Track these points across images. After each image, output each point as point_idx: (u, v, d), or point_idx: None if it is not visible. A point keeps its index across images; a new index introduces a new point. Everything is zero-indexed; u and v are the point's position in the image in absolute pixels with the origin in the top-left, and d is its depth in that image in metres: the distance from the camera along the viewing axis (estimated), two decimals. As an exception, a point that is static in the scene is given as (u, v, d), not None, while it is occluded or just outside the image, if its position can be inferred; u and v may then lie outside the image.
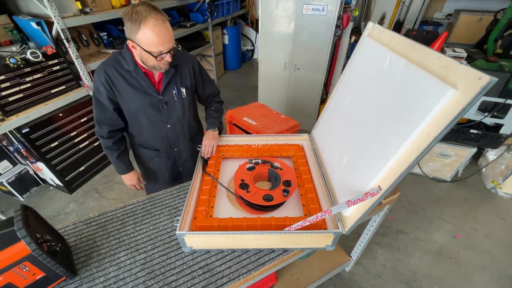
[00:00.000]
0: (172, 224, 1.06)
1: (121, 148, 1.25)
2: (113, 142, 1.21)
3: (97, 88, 1.09)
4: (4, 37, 1.99)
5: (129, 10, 0.91)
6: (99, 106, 1.13)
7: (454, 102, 0.60)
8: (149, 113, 1.17)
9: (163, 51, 0.95)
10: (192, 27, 3.46)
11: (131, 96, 1.10)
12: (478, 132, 2.10)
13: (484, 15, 3.28)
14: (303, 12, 2.42)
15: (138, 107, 1.14)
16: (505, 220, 2.09)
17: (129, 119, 1.20)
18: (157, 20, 0.89)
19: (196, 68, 1.22)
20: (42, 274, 0.79)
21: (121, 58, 1.06)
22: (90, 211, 2.20)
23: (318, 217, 0.85)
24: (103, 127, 1.17)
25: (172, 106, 1.19)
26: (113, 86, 1.08)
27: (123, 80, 1.08)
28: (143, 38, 0.92)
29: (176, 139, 1.30)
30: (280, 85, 2.98)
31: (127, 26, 0.93)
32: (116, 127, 1.20)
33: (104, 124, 1.17)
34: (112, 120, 1.17)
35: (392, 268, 1.76)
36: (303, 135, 1.42)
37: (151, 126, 1.21)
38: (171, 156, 1.35)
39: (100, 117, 1.15)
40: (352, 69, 1.14)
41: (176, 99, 1.19)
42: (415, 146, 0.69)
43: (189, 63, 1.20)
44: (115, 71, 1.06)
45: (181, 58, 1.17)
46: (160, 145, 1.29)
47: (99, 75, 1.06)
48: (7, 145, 2.12)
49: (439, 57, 0.67)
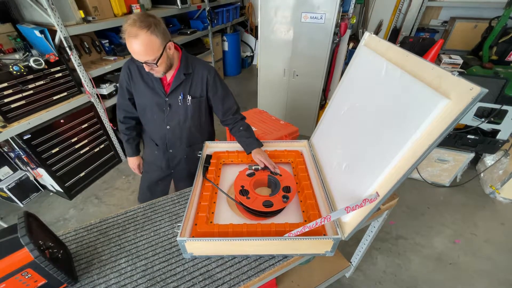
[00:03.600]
0: (172, 230, 1.07)
1: (132, 134, 1.42)
2: (126, 128, 1.39)
3: (121, 78, 1.26)
4: (7, 45, 2.03)
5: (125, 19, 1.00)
6: (121, 93, 1.30)
7: (447, 111, 0.62)
8: (154, 111, 1.27)
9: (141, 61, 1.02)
10: (192, 34, 3.51)
11: (143, 91, 1.23)
12: (475, 138, 2.13)
13: (479, 23, 3.34)
14: (301, 20, 2.47)
15: (147, 103, 1.26)
16: (505, 225, 2.10)
17: (138, 111, 1.34)
18: (130, 33, 0.94)
19: (210, 79, 1.23)
20: (43, 281, 0.79)
21: None
22: (90, 217, 2.20)
23: (317, 223, 0.86)
24: (121, 111, 1.36)
25: (175, 109, 1.25)
26: (132, 80, 1.23)
27: (140, 77, 1.22)
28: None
29: (173, 141, 1.35)
30: (279, 91, 3.01)
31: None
32: (130, 114, 1.37)
33: (122, 109, 1.35)
34: (127, 107, 1.34)
35: (392, 274, 1.76)
36: (302, 142, 1.44)
37: (153, 123, 1.32)
38: (166, 156, 1.41)
39: (119, 102, 1.34)
40: (350, 77, 1.17)
41: (180, 104, 1.24)
42: (412, 153, 0.71)
43: (204, 74, 1.22)
44: (136, 68, 1.21)
45: (197, 67, 1.22)
46: (158, 142, 1.38)
47: (124, 69, 1.24)
48: (8, 151, 2.13)
49: (433, 68, 0.69)
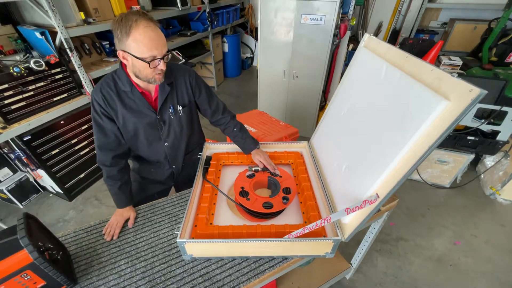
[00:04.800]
0: (172, 231, 1.07)
1: (125, 178, 1.16)
2: (117, 171, 1.13)
3: (96, 110, 1.04)
4: (8, 46, 2.03)
5: (118, 18, 0.86)
6: (100, 131, 1.07)
7: (447, 112, 0.63)
8: (147, 133, 1.14)
9: (156, 56, 0.90)
10: (192, 36, 3.52)
11: (128, 117, 1.07)
12: (475, 139, 2.13)
13: (478, 24, 3.35)
14: (301, 21, 2.47)
15: (136, 128, 1.11)
16: (505, 226, 2.10)
17: (128, 139, 1.15)
18: (148, 23, 0.85)
19: (193, 81, 1.16)
20: (43, 283, 0.79)
21: (117, 79, 1.03)
22: (89, 218, 2.19)
23: (317, 225, 0.86)
24: (106, 153, 1.10)
25: (170, 124, 1.16)
26: (110, 107, 1.04)
27: (120, 102, 1.04)
28: (134, 44, 0.86)
29: (174, 156, 1.27)
30: (279, 92, 3.02)
31: (117, 34, 0.87)
32: (120, 151, 1.13)
33: (107, 150, 1.10)
34: (115, 144, 1.11)
35: (393, 276, 1.76)
36: (302, 143, 1.44)
37: (149, 146, 1.19)
38: (169, 171, 1.32)
39: (102, 142, 1.09)
40: (350, 79, 1.17)
41: (173, 117, 1.15)
42: (412, 155, 0.71)
43: (186, 78, 1.14)
44: (111, 92, 1.03)
45: (177, 74, 1.12)
46: (158, 161, 1.27)
47: (96, 96, 1.02)
48: (8, 152, 2.13)
49: (432, 69, 0.70)
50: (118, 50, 0.92)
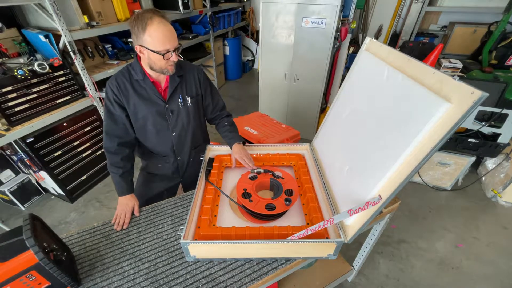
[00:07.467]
0: (175, 233, 1.07)
1: (127, 167, 1.22)
2: (120, 158, 1.19)
3: (109, 97, 1.14)
4: (12, 49, 2.05)
5: (134, 16, 0.98)
6: (110, 117, 1.17)
7: (448, 115, 0.63)
8: (155, 121, 1.21)
9: (169, 49, 1.01)
10: (194, 39, 3.55)
11: (138, 104, 1.16)
12: (476, 141, 2.13)
13: (478, 27, 3.37)
14: (302, 25, 2.50)
15: (145, 115, 1.19)
16: (507, 229, 2.09)
17: (136, 128, 1.23)
18: (161, 20, 0.96)
19: (201, 77, 1.28)
20: (47, 284, 0.79)
21: (131, 69, 1.15)
22: (91, 220, 2.20)
23: (320, 226, 0.86)
24: (113, 139, 1.17)
25: (178, 114, 1.24)
26: (123, 94, 1.14)
27: (132, 90, 1.15)
28: (149, 39, 0.97)
29: (180, 147, 1.33)
30: (280, 95, 3.03)
31: (134, 31, 0.99)
32: (125, 139, 1.21)
33: (114, 136, 1.18)
34: (120, 131, 1.19)
35: (395, 279, 1.75)
36: (304, 145, 1.45)
37: (157, 134, 1.25)
38: (175, 164, 1.37)
39: (110, 128, 1.17)
40: (352, 81, 1.18)
41: (181, 107, 1.23)
42: (413, 157, 0.72)
43: (195, 73, 1.26)
44: (125, 81, 1.14)
45: (186, 68, 1.24)
46: (166, 153, 1.33)
47: (111, 84, 1.13)
48: (11, 154, 2.14)
49: (434, 72, 0.71)
50: (136, 45, 1.03)
